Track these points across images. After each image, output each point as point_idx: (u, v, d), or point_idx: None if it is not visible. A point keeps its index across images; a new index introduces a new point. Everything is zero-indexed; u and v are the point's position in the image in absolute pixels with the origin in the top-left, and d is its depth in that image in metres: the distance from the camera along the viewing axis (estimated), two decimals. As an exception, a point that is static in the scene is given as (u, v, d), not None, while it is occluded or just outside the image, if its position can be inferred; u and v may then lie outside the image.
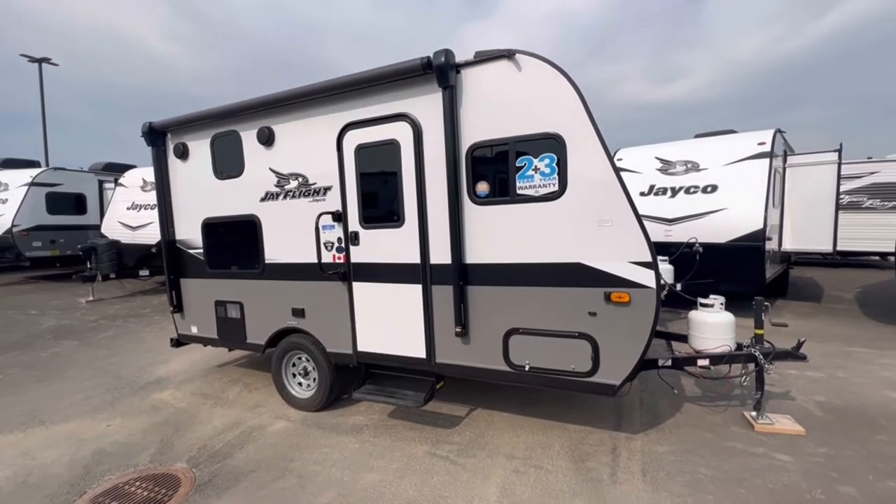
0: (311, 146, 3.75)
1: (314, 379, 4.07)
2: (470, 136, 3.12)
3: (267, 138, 3.94)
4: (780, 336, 3.90)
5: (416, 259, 3.37)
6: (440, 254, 3.28)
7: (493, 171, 3.12)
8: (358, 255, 3.65)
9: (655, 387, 4.21)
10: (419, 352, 3.47)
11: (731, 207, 6.54)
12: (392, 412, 3.98)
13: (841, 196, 11.15)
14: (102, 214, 11.66)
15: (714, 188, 6.80)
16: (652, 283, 2.70)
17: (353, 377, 3.91)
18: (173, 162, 4.60)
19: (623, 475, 2.96)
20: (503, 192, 3.08)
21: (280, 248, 4.06)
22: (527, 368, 3.11)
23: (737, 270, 6.55)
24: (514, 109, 2.99)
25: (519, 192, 3.02)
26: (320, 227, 3.70)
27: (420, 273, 3.37)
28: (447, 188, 3.15)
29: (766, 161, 6.46)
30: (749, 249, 6.29)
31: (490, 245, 3.16)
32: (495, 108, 3.05)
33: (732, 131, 8.00)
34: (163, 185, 4.66)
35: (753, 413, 3.59)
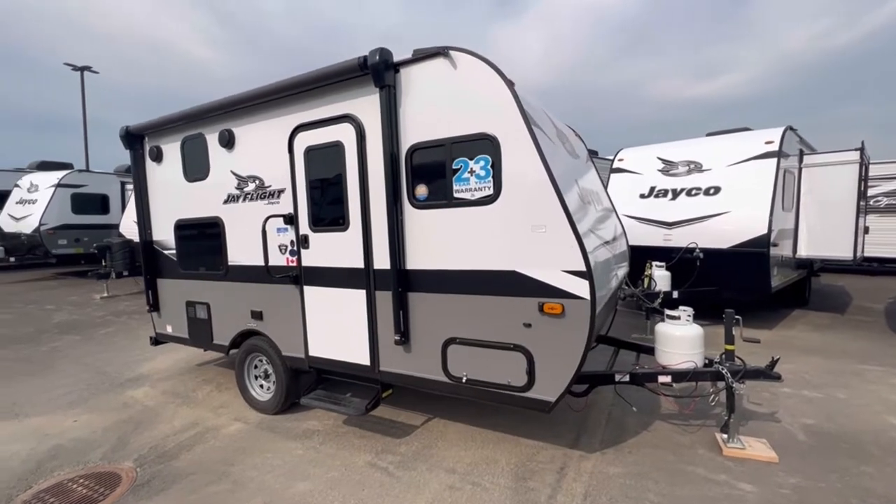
0: (267, 149, 3.74)
1: (273, 382, 4.05)
2: (409, 137, 3.01)
3: (227, 141, 3.96)
4: (787, 351, 3.60)
5: (361, 264, 3.29)
6: (383, 259, 3.19)
7: (432, 173, 2.99)
8: (308, 258, 3.60)
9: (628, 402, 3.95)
10: (364, 359, 3.38)
11: (733, 211, 6.13)
12: (347, 419, 3.91)
13: (877, 199, 10.39)
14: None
15: (717, 190, 6.40)
16: (586, 294, 2.50)
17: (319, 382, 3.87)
18: (150, 165, 4.70)
19: (562, 498, 2.77)
20: (441, 195, 2.95)
21: (240, 250, 4.07)
22: (464, 380, 2.96)
23: (740, 278, 6.15)
24: (450, 109, 2.86)
25: (456, 195, 2.89)
26: (268, 229, 3.70)
27: (364, 278, 3.29)
28: (385, 191, 3.05)
29: (774, 161, 6.01)
30: (752, 256, 5.87)
31: (430, 250, 3.03)
32: (433, 108, 2.92)
33: (746, 129, 7.52)
34: (140, 188, 4.78)
35: (724, 435, 3.30)
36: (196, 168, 4.30)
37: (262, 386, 4.19)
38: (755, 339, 3.49)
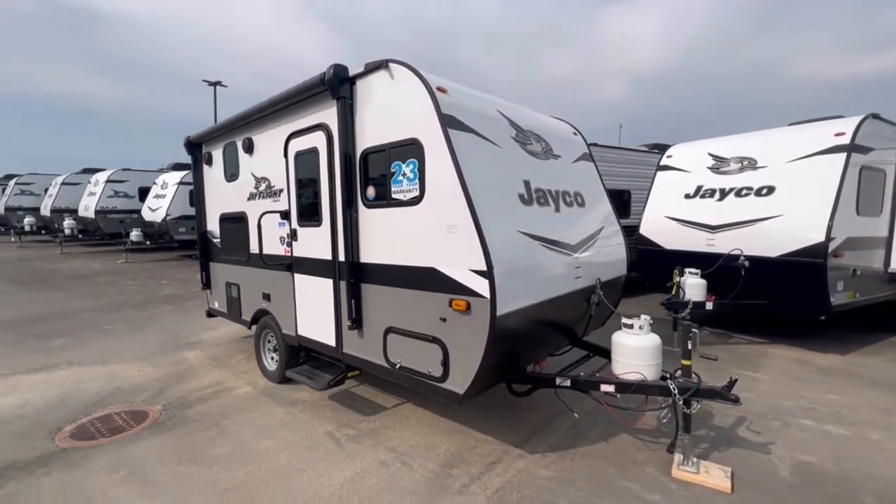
0: (273, 154, 4.33)
1: (278, 355, 4.69)
2: (363, 142, 3.32)
3: (249, 147, 4.66)
4: (845, 381, 3.21)
5: (330, 256, 3.70)
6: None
7: (378, 176, 3.26)
8: (297, 249, 4.12)
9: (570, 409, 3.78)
10: (332, 341, 3.80)
11: (787, 214, 5.33)
12: (332, 395, 4.38)
13: None
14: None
15: (770, 190, 5.60)
16: (487, 293, 2.58)
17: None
18: (205, 167, 5.68)
19: (475, 488, 2.88)
20: (383, 195, 3.21)
21: (256, 241, 4.76)
22: (398, 367, 3.20)
23: (791, 292, 5.36)
24: (390, 116, 3.10)
25: (393, 196, 3.13)
26: (271, 223, 4.27)
27: (332, 269, 3.69)
28: (341, 191, 3.41)
29: (843, 156, 5.08)
30: (805, 267, 5.06)
31: (376, 246, 3.32)
32: (379, 115, 3.19)
33: (840, 117, 6.38)
34: (198, 187, 5.79)
35: (680, 456, 3.06)
36: (232, 170, 5.11)
37: (272, 358, 4.86)
38: (713, 356, 3.15)
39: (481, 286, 2.61)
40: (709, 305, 5.61)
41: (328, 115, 3.58)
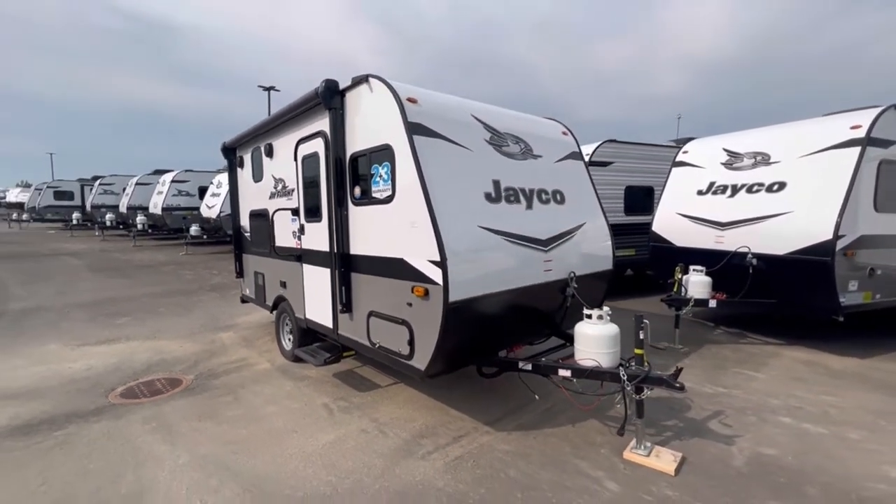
0: (287, 158, 4.89)
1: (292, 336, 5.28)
2: (352, 147, 3.76)
3: (269, 151, 5.27)
4: (851, 383, 3.31)
5: (327, 248, 4.18)
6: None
7: (363, 177, 3.68)
8: (305, 242, 4.65)
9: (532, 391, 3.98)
10: (330, 323, 4.29)
11: (796, 210, 5.16)
12: (336, 372, 4.89)
13: None
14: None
15: (781, 186, 5.43)
16: (440, 281, 2.91)
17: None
18: (238, 170, 6.40)
19: (437, 455, 3.24)
20: (366, 194, 3.63)
21: (275, 234, 5.37)
22: (377, 346, 3.62)
23: (799, 291, 5.21)
24: (370, 124, 3.51)
25: (373, 195, 3.53)
26: (283, 219, 4.84)
27: (330, 259, 4.17)
28: (334, 191, 3.86)
29: (857, 150, 4.85)
30: (812, 265, 4.90)
31: (361, 239, 3.75)
32: (363, 123, 3.61)
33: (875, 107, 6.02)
34: (233, 187, 6.53)
35: (635, 441, 3.24)
36: (258, 172, 5.76)
37: (288, 339, 5.46)
38: (661, 346, 3.26)
39: (436, 274, 2.95)
40: (712, 303, 5.55)
41: (325, 123, 4.04)
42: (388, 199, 3.35)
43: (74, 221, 25.02)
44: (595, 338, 3.30)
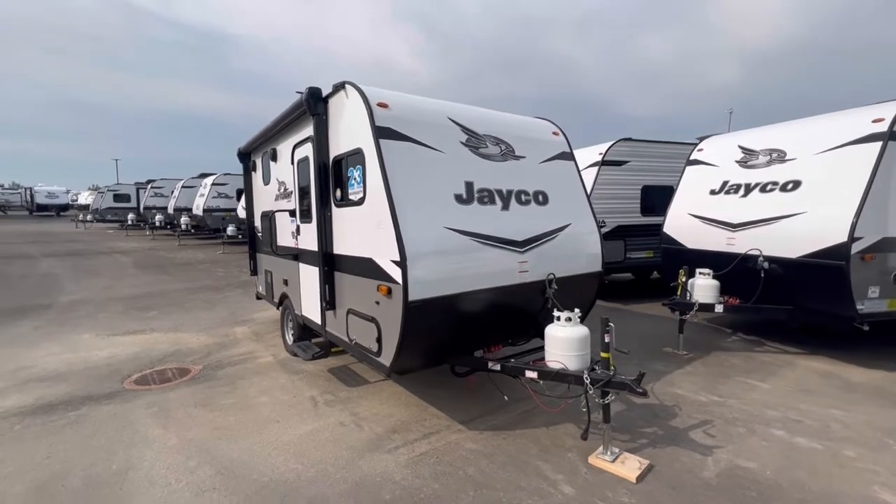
0: (286, 162, 5.14)
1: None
2: (334, 150, 3.92)
3: (273, 156, 5.55)
4: (870, 397, 3.19)
5: (316, 248, 4.36)
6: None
7: (343, 179, 3.83)
8: (300, 242, 4.87)
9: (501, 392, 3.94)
10: (319, 319, 4.47)
11: (810, 211, 4.83)
12: (331, 367, 5.08)
13: None
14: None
15: (795, 185, 5.09)
16: (401, 280, 3.00)
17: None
18: (252, 174, 6.77)
19: (403, 450, 3.32)
20: (344, 196, 3.77)
21: (278, 234, 5.65)
22: (353, 343, 3.75)
23: (815, 296, 4.89)
24: (347, 129, 3.65)
25: (350, 196, 3.67)
26: (283, 220, 5.08)
27: (318, 258, 4.35)
28: (320, 192, 4.04)
29: (878, 146, 4.47)
30: (826, 270, 4.57)
31: (341, 239, 3.90)
32: (342, 128, 3.76)
33: None
34: (248, 190, 6.92)
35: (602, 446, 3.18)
36: (266, 175, 6.08)
37: (291, 334, 5.73)
38: (624, 350, 3.18)
39: (397, 274, 3.04)
40: (719, 308, 5.30)
41: (312, 129, 4.23)
42: (361, 201, 3.48)
43: (129, 222, 27.10)
44: (563, 340, 3.26)
